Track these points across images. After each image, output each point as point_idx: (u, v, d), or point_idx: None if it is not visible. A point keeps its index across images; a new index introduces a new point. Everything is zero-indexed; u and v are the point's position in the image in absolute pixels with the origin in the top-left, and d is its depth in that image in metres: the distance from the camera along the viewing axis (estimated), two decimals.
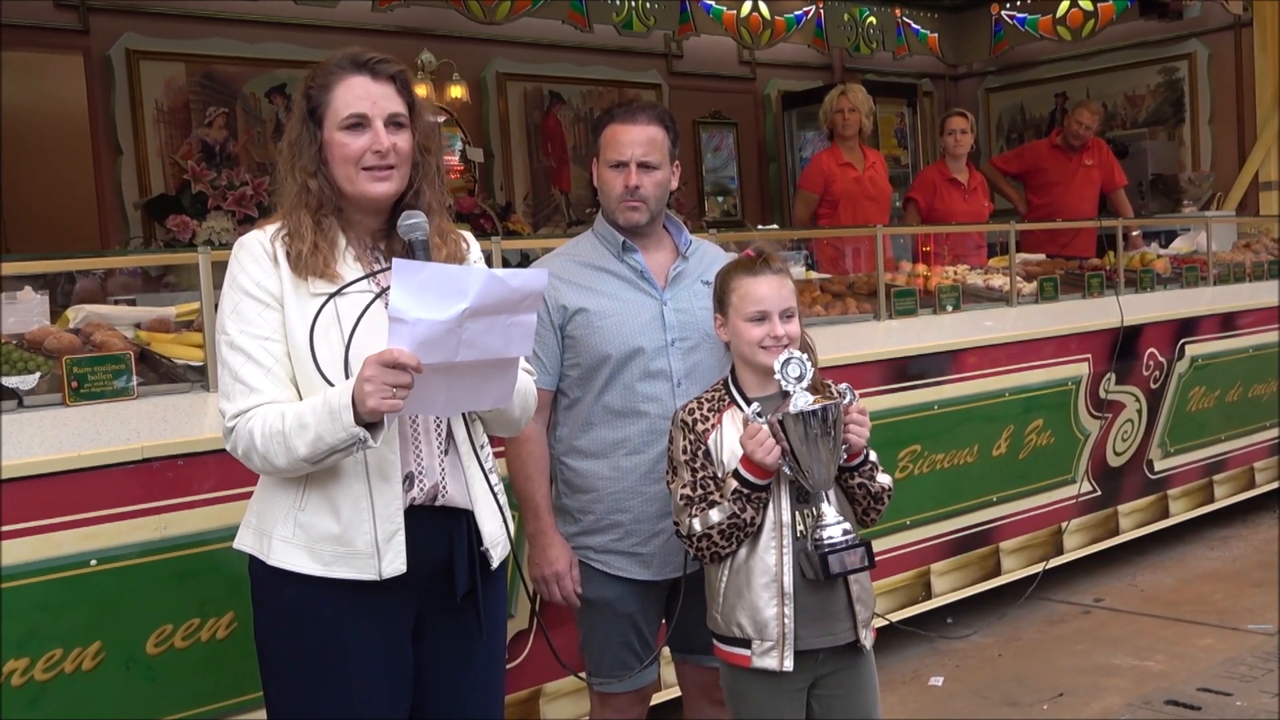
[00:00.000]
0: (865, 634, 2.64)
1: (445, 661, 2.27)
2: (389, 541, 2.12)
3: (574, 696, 3.56)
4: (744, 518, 2.54)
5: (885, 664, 4.49)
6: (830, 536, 2.52)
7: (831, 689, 2.63)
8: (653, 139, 2.84)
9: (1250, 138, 8.99)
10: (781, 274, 2.65)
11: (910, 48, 9.28)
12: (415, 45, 7.29)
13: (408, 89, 2.22)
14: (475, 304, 1.93)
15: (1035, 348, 5.04)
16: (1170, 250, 6.88)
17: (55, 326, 3.19)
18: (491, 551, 2.25)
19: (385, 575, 2.12)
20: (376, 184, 2.17)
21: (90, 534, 2.67)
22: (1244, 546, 5.98)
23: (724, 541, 2.56)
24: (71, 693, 2.65)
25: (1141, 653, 4.57)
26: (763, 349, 2.60)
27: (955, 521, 4.78)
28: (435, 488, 2.19)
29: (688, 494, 2.60)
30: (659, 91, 9.03)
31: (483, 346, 1.98)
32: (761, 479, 2.53)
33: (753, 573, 2.58)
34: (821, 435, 2.46)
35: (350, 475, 2.13)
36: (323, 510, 2.14)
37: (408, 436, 2.17)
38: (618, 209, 2.86)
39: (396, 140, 2.17)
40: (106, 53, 6.75)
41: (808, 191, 6.38)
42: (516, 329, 2.01)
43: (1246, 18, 8.83)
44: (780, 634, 2.56)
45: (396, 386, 1.94)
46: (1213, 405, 6.05)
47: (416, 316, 1.92)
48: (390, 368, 1.93)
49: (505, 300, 1.96)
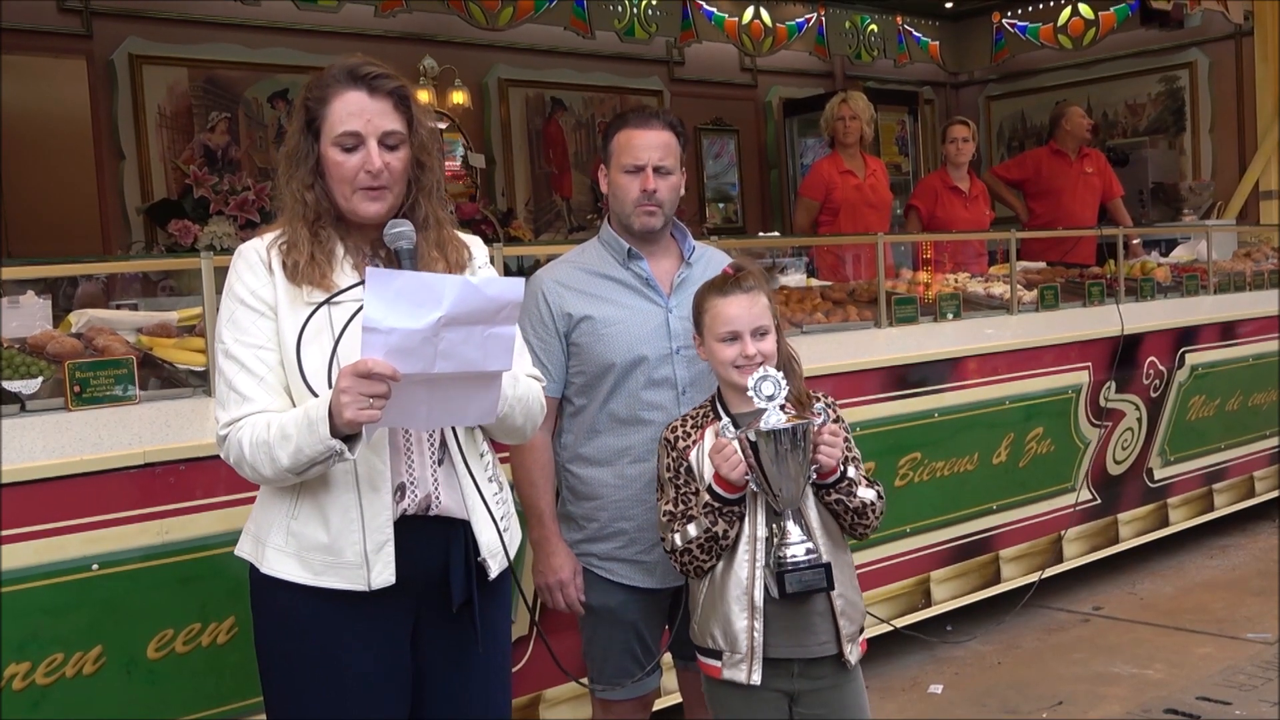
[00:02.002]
0: (851, 648, 2.62)
1: (445, 670, 2.25)
2: (378, 553, 2.11)
3: (575, 702, 3.56)
4: (716, 531, 2.55)
5: (885, 671, 4.50)
6: (792, 555, 2.50)
7: (815, 706, 2.62)
8: (667, 144, 2.86)
9: (1251, 147, 9.01)
10: (753, 292, 2.64)
11: (911, 55, 9.31)
12: (418, 51, 7.32)
13: (406, 104, 2.18)
14: (450, 312, 1.90)
15: (1035, 356, 5.05)
16: (1170, 259, 6.88)
17: (57, 331, 3.19)
18: (490, 562, 2.23)
19: (374, 586, 2.11)
20: (370, 203, 2.16)
21: (92, 538, 2.68)
22: (1243, 555, 5.98)
23: (703, 555, 2.58)
24: (72, 697, 2.65)
25: (1141, 661, 4.57)
26: (736, 368, 2.60)
27: (955, 529, 4.78)
28: (428, 498, 2.17)
29: (670, 510, 2.63)
30: (660, 98, 9.05)
31: (460, 358, 1.94)
32: (731, 494, 2.54)
33: (726, 585, 2.59)
34: (791, 451, 2.44)
35: (340, 485, 2.12)
36: (313, 520, 2.13)
37: (400, 447, 2.15)
38: (634, 214, 2.86)
39: (390, 160, 2.15)
40: (109, 57, 6.77)
41: (809, 199, 6.38)
42: (495, 341, 1.97)
43: (1247, 27, 8.85)
44: (749, 647, 2.57)
45: (373, 397, 1.91)
46: (1213, 414, 6.05)
47: (391, 325, 1.89)
48: (365, 378, 1.90)
49: (482, 309, 1.93)
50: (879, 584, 4.46)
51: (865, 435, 4.19)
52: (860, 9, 8.79)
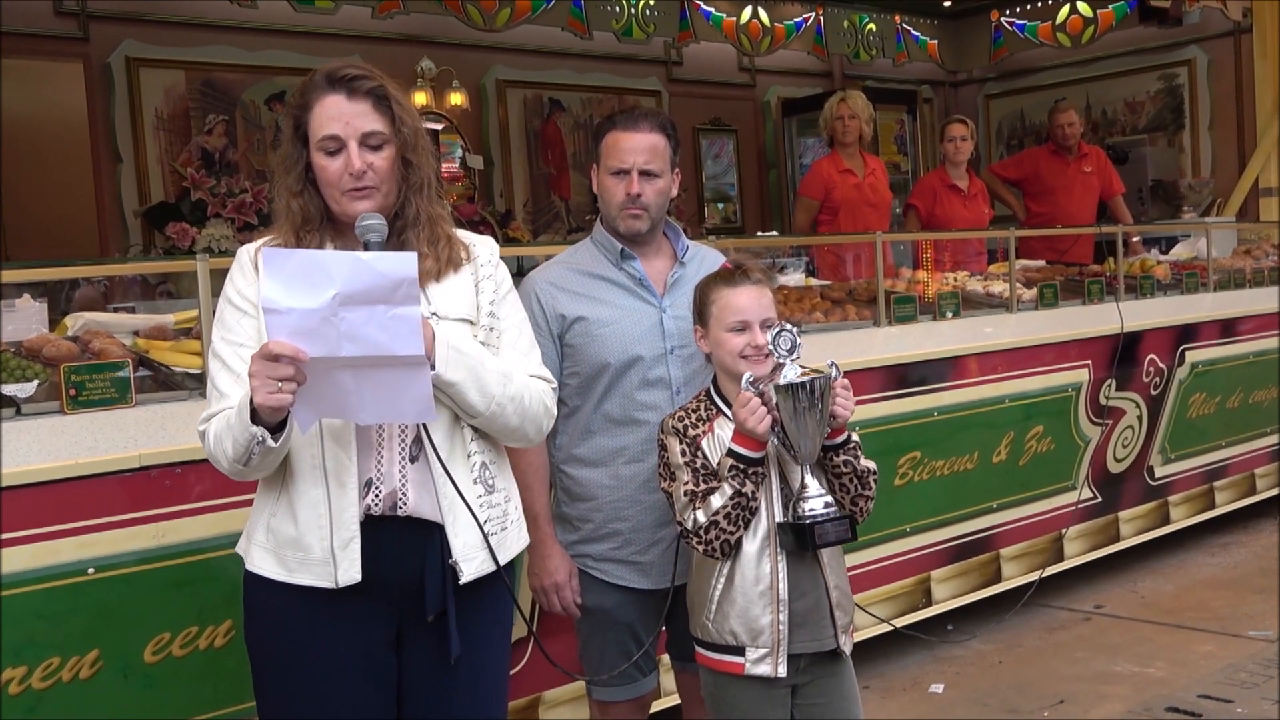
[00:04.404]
0: (845, 639, 2.67)
1: (428, 677, 2.22)
2: (344, 549, 2.10)
3: (573, 704, 3.55)
4: (745, 492, 2.54)
5: (885, 671, 4.49)
6: (812, 509, 2.54)
7: (813, 696, 2.66)
8: (654, 146, 2.83)
9: (1250, 144, 8.99)
10: (760, 284, 2.68)
11: (910, 54, 9.29)
12: (415, 52, 7.31)
13: (386, 103, 2.17)
14: (344, 289, 1.89)
15: (1035, 354, 5.04)
16: (1170, 256, 6.88)
17: (54, 334, 3.19)
18: (461, 566, 2.16)
19: (341, 584, 2.10)
20: (357, 203, 2.16)
21: (88, 542, 2.67)
22: (1244, 553, 5.97)
23: (730, 526, 2.56)
24: (69, 701, 2.64)
25: (1142, 659, 4.56)
26: (744, 358, 2.63)
27: (956, 528, 4.77)
28: (393, 495, 2.14)
29: (691, 489, 2.61)
30: (659, 98, 9.04)
31: (366, 340, 1.92)
32: (755, 451, 2.54)
33: (747, 580, 2.59)
34: (809, 408, 2.48)
35: (309, 480, 2.12)
36: (288, 516, 2.14)
37: (371, 442, 2.14)
38: (619, 217, 2.86)
39: (373, 160, 2.15)
40: (106, 60, 6.76)
41: (808, 198, 6.37)
42: (399, 322, 1.93)
43: (1246, 24, 8.84)
44: (775, 640, 2.59)
45: (280, 380, 1.91)
46: (1213, 411, 6.04)
47: (289, 305, 1.90)
48: (270, 360, 1.91)
49: (377, 286, 1.91)
50: (879, 583, 4.46)
51: (865, 435, 4.16)
52: (858, 8, 8.78)
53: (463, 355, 2.12)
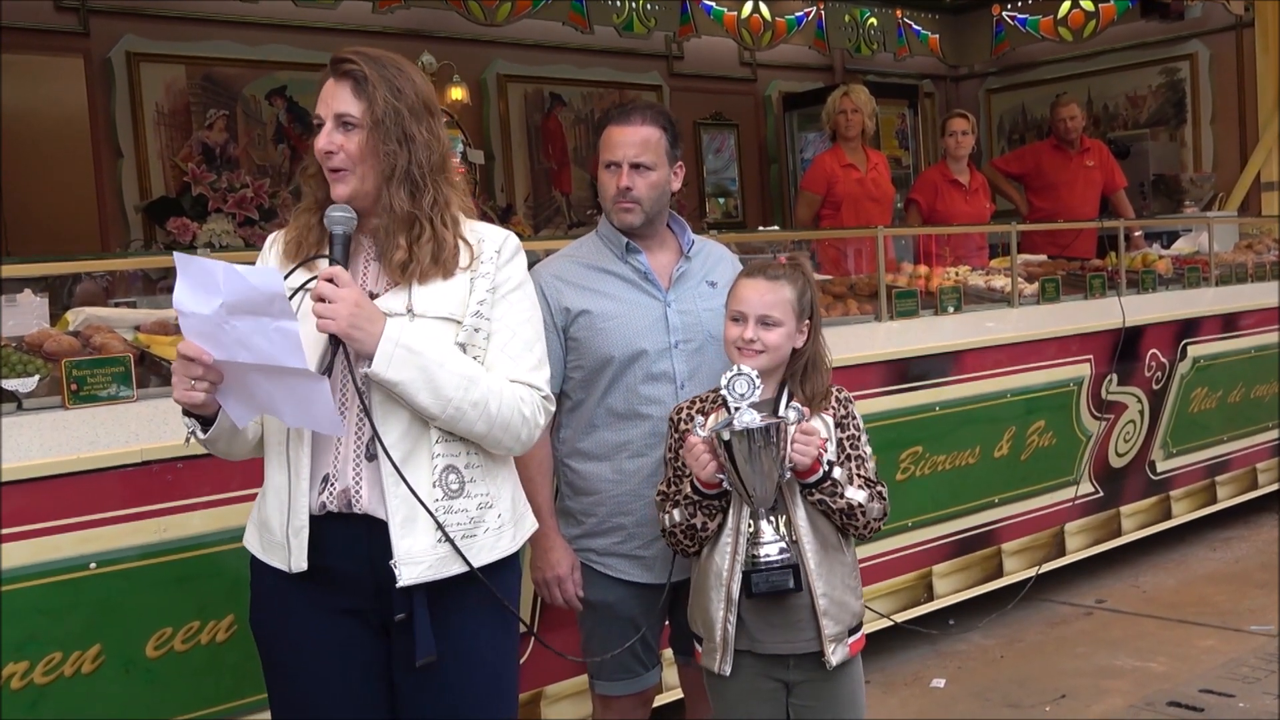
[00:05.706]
0: (835, 649, 2.59)
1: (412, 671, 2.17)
2: (296, 536, 2.14)
3: (576, 699, 3.55)
4: (694, 523, 2.59)
5: (887, 665, 4.50)
6: (765, 555, 2.51)
7: (806, 697, 2.64)
8: (646, 139, 2.82)
9: (1252, 138, 8.98)
10: (777, 281, 2.62)
11: (911, 49, 9.28)
12: (416, 47, 7.28)
13: (365, 85, 2.12)
14: (227, 298, 1.94)
15: (1037, 349, 5.04)
16: (1172, 251, 6.88)
17: (55, 329, 3.18)
18: (401, 569, 2.09)
19: (293, 569, 2.14)
20: (336, 187, 2.16)
21: (89, 537, 2.67)
22: (1246, 548, 5.97)
23: (686, 540, 2.63)
24: (71, 696, 2.64)
25: (1143, 654, 4.56)
26: (737, 349, 2.61)
27: (957, 523, 4.77)
28: (346, 493, 2.13)
29: (664, 490, 2.68)
30: (660, 93, 9.03)
31: (256, 349, 1.96)
32: (709, 489, 2.55)
33: (708, 576, 2.62)
34: (764, 450, 2.43)
35: (274, 466, 2.20)
36: (266, 497, 2.23)
37: (330, 438, 2.14)
38: (612, 210, 2.86)
39: (342, 140, 2.13)
40: (107, 55, 6.75)
41: (810, 192, 6.37)
42: (281, 335, 1.94)
43: (1248, 18, 8.83)
44: (722, 638, 2.60)
45: (193, 379, 2.01)
46: (1215, 406, 6.04)
47: (190, 309, 1.97)
48: (184, 359, 2.01)
49: (252, 298, 1.93)
50: (881, 578, 4.46)
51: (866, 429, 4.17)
52: (860, 2, 8.77)
53: (414, 355, 2.06)
